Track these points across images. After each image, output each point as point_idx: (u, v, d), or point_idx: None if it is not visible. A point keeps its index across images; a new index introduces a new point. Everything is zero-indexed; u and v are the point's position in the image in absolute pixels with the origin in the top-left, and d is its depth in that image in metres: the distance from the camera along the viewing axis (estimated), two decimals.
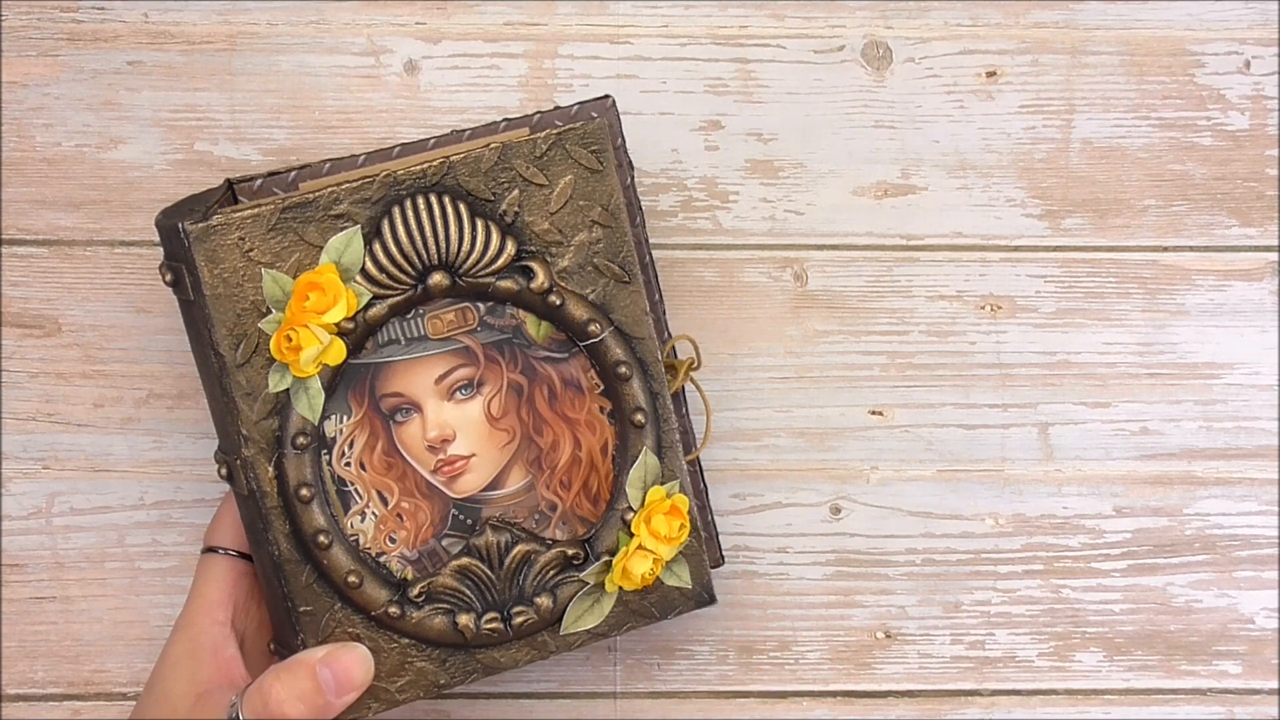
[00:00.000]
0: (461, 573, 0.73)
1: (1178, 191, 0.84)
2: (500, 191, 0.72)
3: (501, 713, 0.82)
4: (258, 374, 0.70)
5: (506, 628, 0.73)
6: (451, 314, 0.72)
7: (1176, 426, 0.84)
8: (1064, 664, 0.84)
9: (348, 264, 0.70)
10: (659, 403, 0.74)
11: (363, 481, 0.72)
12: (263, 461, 0.70)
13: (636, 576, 0.74)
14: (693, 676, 0.83)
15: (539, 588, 0.73)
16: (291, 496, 0.71)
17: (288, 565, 0.71)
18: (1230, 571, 0.84)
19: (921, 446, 0.84)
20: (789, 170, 0.83)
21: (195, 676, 0.71)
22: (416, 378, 0.72)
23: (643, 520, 0.74)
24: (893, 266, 0.83)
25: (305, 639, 0.71)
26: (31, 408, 0.81)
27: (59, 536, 0.82)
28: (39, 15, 0.81)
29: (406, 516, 0.73)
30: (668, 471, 0.74)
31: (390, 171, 0.70)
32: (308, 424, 0.70)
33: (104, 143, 0.81)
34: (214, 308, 0.69)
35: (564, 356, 0.74)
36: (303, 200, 0.70)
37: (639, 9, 0.82)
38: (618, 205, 0.73)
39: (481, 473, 0.73)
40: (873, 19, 0.83)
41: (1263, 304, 0.84)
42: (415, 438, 0.73)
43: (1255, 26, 0.84)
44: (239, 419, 0.70)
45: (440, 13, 0.82)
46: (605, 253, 0.73)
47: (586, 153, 0.72)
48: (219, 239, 0.69)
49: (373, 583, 0.72)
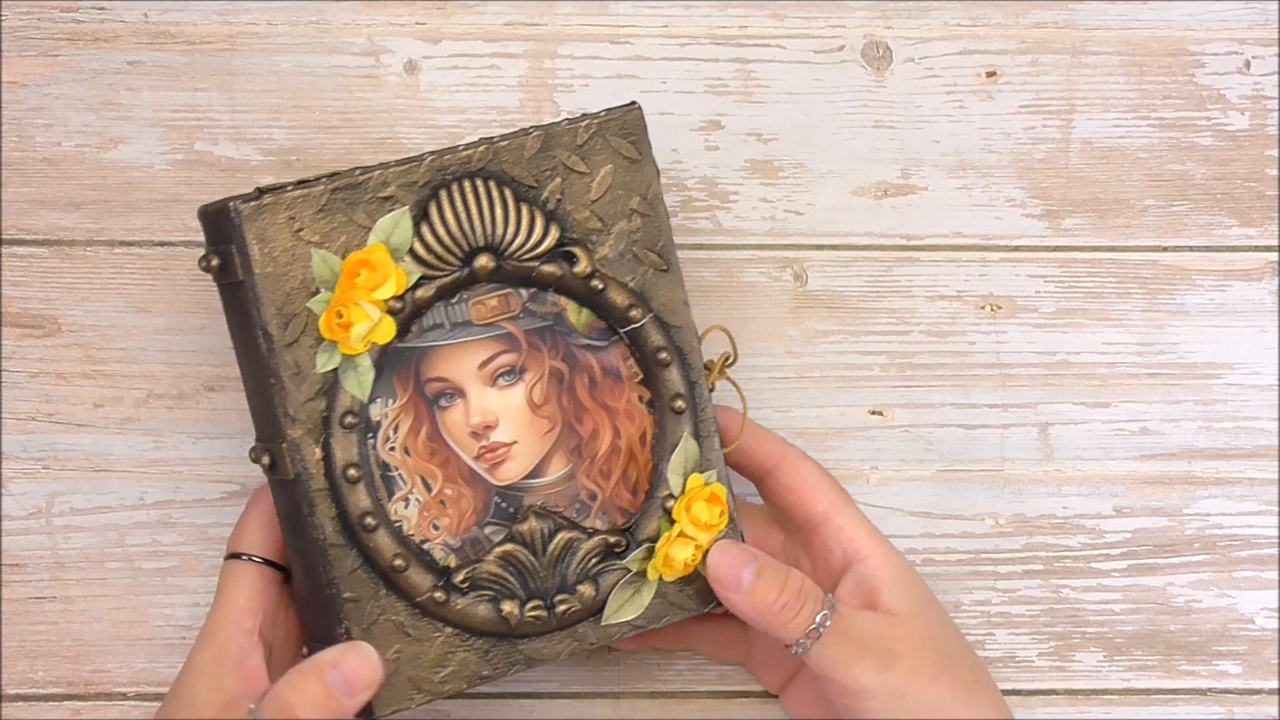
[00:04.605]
0: (505, 559, 0.73)
1: (1178, 191, 0.84)
2: (543, 179, 0.72)
3: (501, 713, 0.82)
4: (305, 354, 0.70)
5: (550, 615, 0.73)
6: (495, 299, 0.73)
7: (1176, 426, 0.84)
8: (1064, 664, 0.84)
9: (396, 244, 0.70)
10: (696, 391, 0.75)
11: (407, 467, 0.72)
12: (309, 443, 0.70)
13: (679, 563, 0.74)
14: (693, 676, 0.83)
15: (581, 575, 0.73)
16: (339, 477, 0.70)
17: (333, 550, 0.71)
18: (1230, 571, 0.84)
19: (921, 446, 0.84)
20: (789, 170, 0.83)
21: (220, 685, 0.71)
22: (461, 363, 0.72)
23: (683, 507, 0.74)
24: (893, 266, 0.83)
25: (349, 627, 0.71)
26: (31, 408, 0.81)
27: (59, 536, 0.82)
28: (39, 15, 0.81)
29: (449, 503, 0.73)
30: (706, 460, 0.75)
31: (437, 156, 0.71)
32: (356, 402, 0.70)
33: (104, 143, 0.81)
34: (263, 287, 0.69)
35: (604, 344, 0.74)
36: (352, 182, 0.70)
37: (639, 9, 0.82)
38: (655, 195, 0.74)
39: (523, 460, 0.73)
40: (873, 19, 0.83)
41: (1263, 304, 0.84)
42: (459, 423, 0.73)
43: (1255, 26, 0.84)
44: (286, 399, 0.70)
45: (440, 13, 0.82)
46: (644, 241, 0.74)
47: (625, 142, 0.73)
48: (269, 218, 0.69)
49: (417, 568, 0.71)
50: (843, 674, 0.73)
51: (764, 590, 0.73)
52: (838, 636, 0.73)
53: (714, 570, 0.74)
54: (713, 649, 0.81)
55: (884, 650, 0.73)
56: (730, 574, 0.73)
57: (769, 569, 0.73)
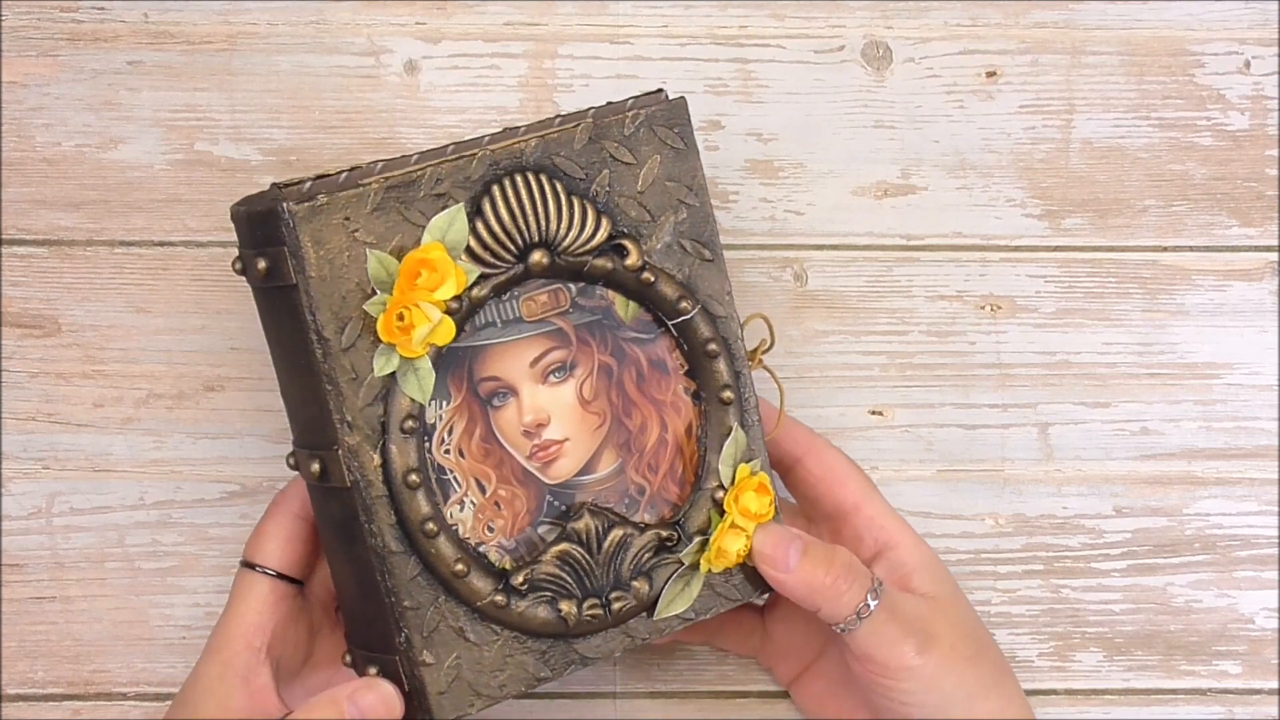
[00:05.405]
0: (562, 559, 0.72)
1: (1178, 191, 0.84)
2: (591, 172, 0.72)
3: (501, 713, 0.82)
4: (362, 358, 0.68)
5: (606, 614, 0.72)
6: (545, 295, 0.72)
7: (1176, 426, 0.84)
8: (1064, 664, 0.84)
9: (452, 242, 0.69)
10: (742, 381, 0.74)
11: (461, 469, 0.71)
12: (367, 449, 0.69)
13: (731, 554, 0.74)
14: (693, 676, 0.83)
15: (635, 571, 0.73)
16: (399, 484, 0.69)
17: (393, 558, 0.69)
18: (1230, 571, 0.84)
19: (921, 446, 0.84)
20: (789, 170, 0.83)
21: (225, 704, 0.71)
22: (513, 361, 0.72)
23: (733, 498, 0.74)
24: (893, 266, 0.83)
25: (410, 635, 0.70)
26: (31, 408, 0.81)
27: (59, 536, 0.82)
28: (39, 15, 0.81)
29: (504, 504, 0.72)
30: (751, 449, 0.75)
31: (488, 150, 0.70)
32: (415, 406, 0.69)
33: (104, 143, 0.81)
34: (318, 290, 0.67)
35: (650, 337, 0.74)
36: (405, 179, 0.69)
37: (639, 9, 0.82)
38: (701, 185, 0.74)
39: (575, 457, 0.73)
40: (873, 19, 0.83)
41: (1263, 304, 0.84)
42: (511, 422, 0.72)
43: (1255, 26, 0.84)
44: (344, 405, 0.68)
45: (440, 13, 0.82)
46: (690, 232, 0.73)
47: (671, 132, 0.73)
48: (325, 219, 0.67)
49: (478, 572, 0.71)
50: (887, 652, 0.73)
51: (811, 568, 0.73)
52: (886, 614, 0.73)
53: (760, 551, 0.74)
54: (728, 640, 0.82)
55: (924, 631, 0.74)
56: (778, 554, 0.73)
57: (814, 547, 0.73)
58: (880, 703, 0.74)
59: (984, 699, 0.74)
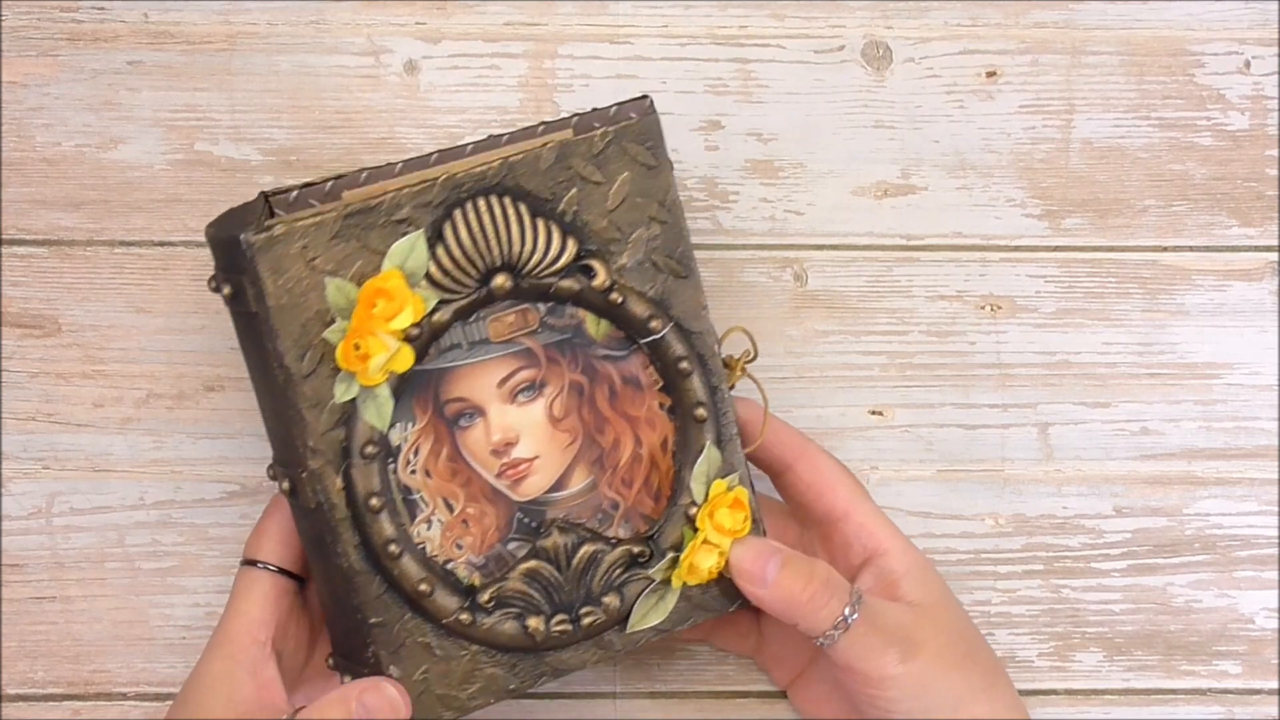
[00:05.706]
0: (530, 576, 0.72)
1: (1178, 191, 0.84)
2: (559, 191, 0.71)
3: (501, 713, 0.82)
4: (324, 384, 0.68)
5: (575, 629, 0.73)
6: (512, 316, 0.72)
7: (1176, 426, 0.84)
8: (1064, 664, 0.84)
9: (412, 269, 0.69)
10: (718, 396, 0.74)
11: (428, 489, 0.71)
12: (330, 473, 0.69)
13: (703, 571, 0.74)
14: (693, 676, 0.83)
15: (606, 587, 0.73)
16: (361, 507, 0.70)
17: (358, 577, 0.70)
18: (1230, 571, 0.84)
19: (921, 446, 0.84)
20: (789, 170, 0.83)
21: (233, 698, 0.71)
22: (479, 382, 0.72)
23: (706, 514, 0.74)
24: (893, 266, 0.83)
25: (377, 650, 0.71)
26: (31, 408, 0.81)
27: (59, 536, 0.82)
28: (39, 15, 0.81)
29: (472, 522, 0.72)
30: (728, 465, 0.74)
31: (451, 174, 0.69)
32: (376, 432, 0.69)
33: (104, 143, 0.81)
34: (278, 319, 0.68)
35: (623, 354, 0.73)
36: (365, 206, 0.68)
37: (639, 9, 0.82)
38: (674, 200, 0.73)
39: (545, 474, 0.73)
40: (873, 19, 0.83)
41: (1263, 304, 0.84)
42: (479, 442, 0.72)
43: (1255, 26, 0.84)
44: (306, 431, 0.69)
45: (440, 13, 0.82)
46: (663, 249, 0.73)
47: (642, 149, 0.72)
48: (282, 249, 0.67)
49: (443, 590, 0.71)
50: (868, 664, 0.73)
51: (790, 583, 0.73)
52: (866, 627, 0.73)
53: (738, 566, 0.73)
54: (724, 640, 0.82)
55: (908, 639, 0.73)
56: (755, 569, 0.73)
57: (793, 561, 0.73)
58: (868, 710, 0.74)
59: (974, 703, 0.74)
